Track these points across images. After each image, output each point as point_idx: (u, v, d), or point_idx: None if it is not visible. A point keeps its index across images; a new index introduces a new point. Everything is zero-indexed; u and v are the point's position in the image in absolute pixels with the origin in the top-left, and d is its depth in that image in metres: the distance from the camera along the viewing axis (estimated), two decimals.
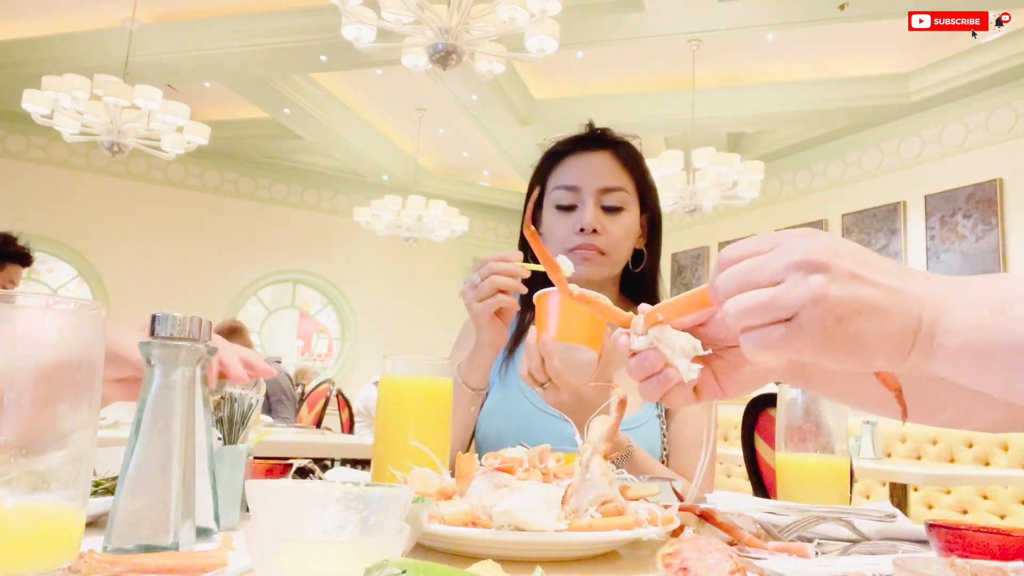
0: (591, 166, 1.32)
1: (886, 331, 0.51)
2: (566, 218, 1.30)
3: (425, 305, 9.30)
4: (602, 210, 1.30)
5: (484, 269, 1.12)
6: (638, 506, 0.67)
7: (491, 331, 1.16)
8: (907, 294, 0.52)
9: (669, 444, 1.30)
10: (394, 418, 0.94)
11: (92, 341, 0.51)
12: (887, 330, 0.51)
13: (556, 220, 1.31)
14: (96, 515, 0.68)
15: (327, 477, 0.90)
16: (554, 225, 1.32)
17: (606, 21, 5.40)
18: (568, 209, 1.31)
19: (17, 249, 3.10)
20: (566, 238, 1.29)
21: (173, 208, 8.39)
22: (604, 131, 1.38)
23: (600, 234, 1.28)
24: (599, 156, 1.33)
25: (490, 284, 1.11)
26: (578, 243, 1.28)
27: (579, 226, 1.27)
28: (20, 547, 0.46)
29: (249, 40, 6.00)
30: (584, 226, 1.27)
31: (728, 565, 0.47)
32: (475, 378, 1.24)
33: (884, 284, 0.51)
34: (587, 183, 1.30)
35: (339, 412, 5.21)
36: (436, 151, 8.49)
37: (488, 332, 1.16)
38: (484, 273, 1.11)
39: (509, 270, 1.11)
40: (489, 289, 1.11)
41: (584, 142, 1.35)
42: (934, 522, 0.63)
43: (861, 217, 6.75)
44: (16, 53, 6.29)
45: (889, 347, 0.51)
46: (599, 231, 1.28)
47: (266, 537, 0.45)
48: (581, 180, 1.30)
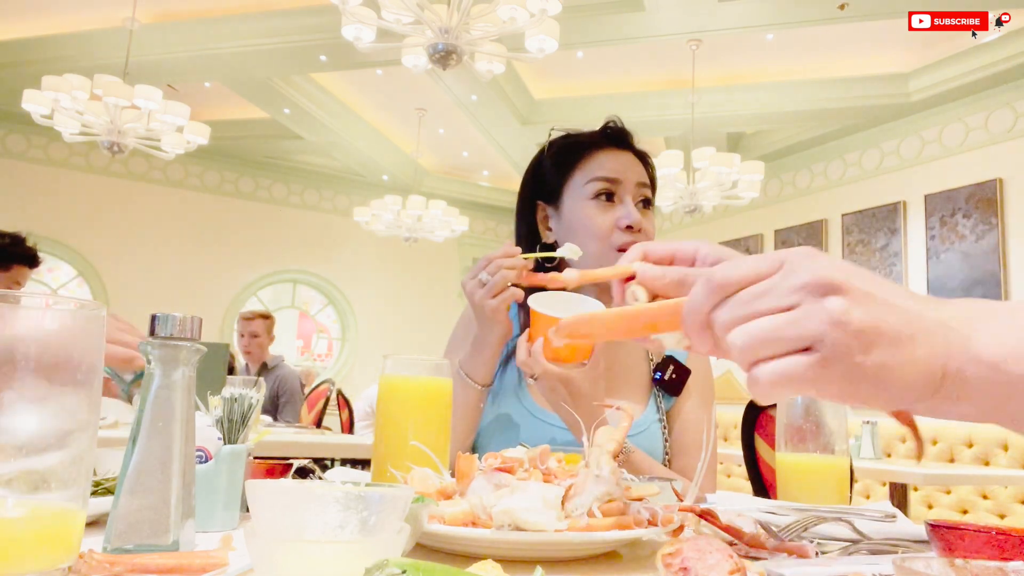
0: (627, 160, 1.32)
1: (916, 359, 0.45)
2: (606, 211, 1.28)
3: (425, 305, 9.29)
4: (639, 206, 1.31)
5: (492, 266, 1.12)
6: (640, 506, 0.67)
7: (502, 326, 1.17)
8: (929, 319, 0.46)
9: (671, 447, 1.30)
10: (394, 418, 0.94)
11: (92, 341, 0.51)
12: (917, 357, 0.45)
13: (595, 211, 1.28)
14: (96, 515, 0.68)
15: (327, 477, 0.90)
16: (594, 216, 1.28)
17: (606, 21, 5.40)
18: (609, 200, 1.29)
19: (24, 250, 3.10)
20: (610, 232, 1.27)
21: (173, 208, 8.39)
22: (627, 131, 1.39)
23: (641, 231, 1.27)
24: (629, 154, 1.34)
25: (502, 279, 1.12)
26: (626, 241, 1.25)
27: (626, 222, 1.25)
28: (20, 547, 0.46)
29: (249, 40, 6.00)
30: (633, 223, 1.25)
31: (728, 565, 0.47)
32: (483, 373, 1.22)
33: (904, 307, 0.46)
34: (628, 176, 1.30)
35: (339, 412, 5.21)
36: (436, 151, 8.49)
37: (499, 327, 1.17)
38: (493, 270, 1.12)
39: (515, 264, 1.12)
40: (502, 284, 1.12)
41: (614, 137, 1.35)
42: (934, 522, 0.63)
43: (861, 217, 6.75)
44: (16, 53, 6.29)
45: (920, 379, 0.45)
46: (641, 230, 1.27)
47: (266, 537, 0.45)
48: (621, 173, 1.29)
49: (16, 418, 0.47)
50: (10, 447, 0.47)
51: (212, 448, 0.75)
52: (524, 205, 1.39)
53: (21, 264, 3.09)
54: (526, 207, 1.39)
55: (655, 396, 1.30)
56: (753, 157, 6.88)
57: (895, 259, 6.45)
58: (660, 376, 1.29)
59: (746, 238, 7.79)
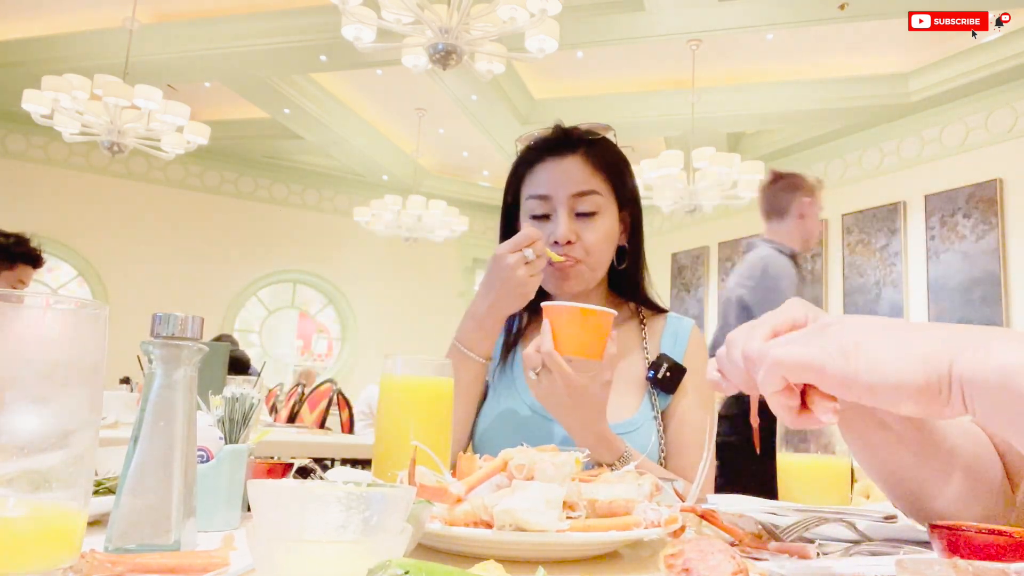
0: (562, 172, 1.28)
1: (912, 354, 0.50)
2: (540, 229, 1.26)
3: (425, 305, 9.30)
4: (576, 217, 1.27)
5: (538, 246, 1.17)
6: (647, 506, 0.67)
7: (525, 301, 1.20)
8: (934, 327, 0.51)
9: (668, 446, 1.29)
10: (395, 418, 0.94)
11: (93, 341, 0.51)
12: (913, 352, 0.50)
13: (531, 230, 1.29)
14: (98, 515, 0.68)
15: (328, 477, 0.90)
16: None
17: (606, 21, 5.40)
18: (542, 219, 1.28)
19: (29, 250, 3.11)
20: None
21: (173, 208, 8.39)
22: (573, 130, 1.33)
23: (575, 243, 1.25)
24: (570, 160, 1.28)
25: (543, 260, 1.18)
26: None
27: (553, 238, 1.24)
28: (21, 547, 0.46)
29: (249, 40, 6.00)
30: (558, 238, 1.24)
31: (730, 566, 0.47)
32: (486, 347, 1.22)
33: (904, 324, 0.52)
34: (558, 191, 1.26)
35: (339, 412, 5.20)
36: (436, 151, 8.49)
37: (522, 302, 1.20)
38: (539, 250, 1.17)
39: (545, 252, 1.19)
40: (542, 264, 1.18)
41: (554, 145, 1.30)
42: (936, 523, 0.63)
43: (861, 217, 6.75)
44: (16, 53, 6.29)
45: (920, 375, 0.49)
46: (573, 241, 1.25)
47: (268, 537, 0.45)
48: (552, 188, 1.27)
49: (17, 418, 0.47)
50: (11, 447, 0.46)
51: (213, 447, 0.75)
52: (503, 215, 1.39)
53: (25, 264, 3.10)
54: (504, 217, 1.39)
55: (649, 394, 1.29)
56: (753, 157, 6.88)
57: (895, 259, 6.45)
58: (653, 375, 1.28)
59: (746, 238, 7.78)
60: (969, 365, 0.48)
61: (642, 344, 1.35)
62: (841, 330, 0.53)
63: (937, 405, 0.49)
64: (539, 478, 0.66)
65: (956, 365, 0.48)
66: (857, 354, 0.51)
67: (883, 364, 0.50)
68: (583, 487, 0.67)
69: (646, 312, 1.39)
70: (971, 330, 0.51)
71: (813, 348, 0.52)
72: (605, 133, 1.34)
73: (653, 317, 1.39)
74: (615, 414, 1.22)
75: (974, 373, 0.48)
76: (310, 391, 5.31)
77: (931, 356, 0.49)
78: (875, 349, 0.50)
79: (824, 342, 0.52)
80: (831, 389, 0.52)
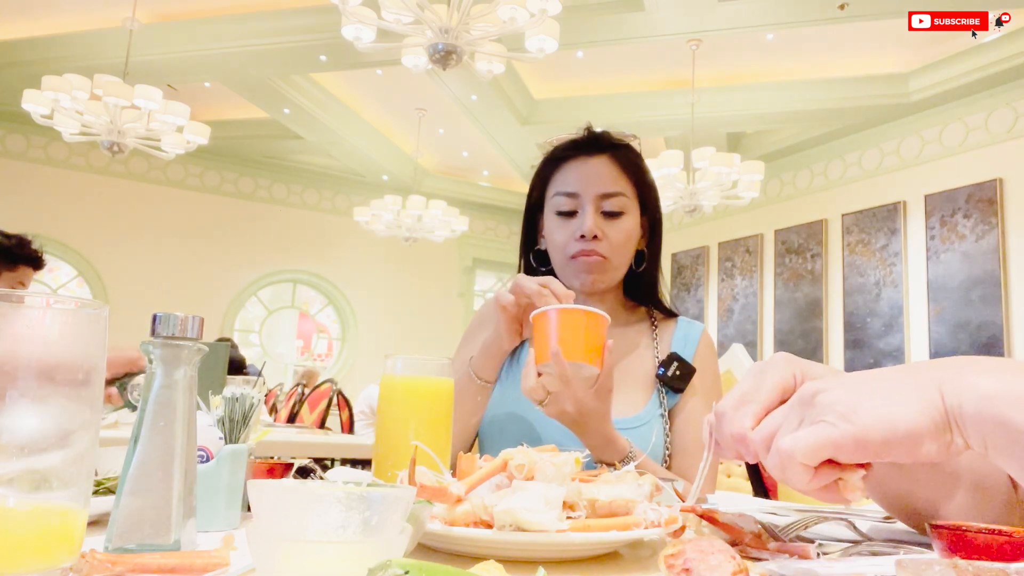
0: (590, 171, 1.32)
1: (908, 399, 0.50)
2: (566, 224, 1.31)
3: (425, 305, 9.30)
4: (602, 216, 1.30)
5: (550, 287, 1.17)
6: (647, 507, 0.67)
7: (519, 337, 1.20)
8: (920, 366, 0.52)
9: (672, 445, 1.30)
10: (395, 418, 0.94)
11: (94, 340, 0.51)
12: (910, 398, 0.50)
13: (556, 226, 1.33)
14: (98, 514, 0.68)
15: (328, 477, 0.90)
16: (555, 231, 1.33)
17: (606, 21, 5.41)
18: (568, 215, 1.31)
19: (30, 251, 3.11)
20: (566, 244, 1.30)
21: (173, 208, 8.39)
22: (603, 134, 1.37)
23: (601, 240, 1.28)
24: (598, 161, 1.33)
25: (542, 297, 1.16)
26: (579, 249, 1.28)
27: (579, 232, 1.28)
28: (21, 547, 0.46)
29: (249, 40, 6.00)
30: (584, 232, 1.27)
31: (731, 566, 0.47)
32: (489, 370, 1.24)
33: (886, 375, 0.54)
34: (587, 189, 1.30)
35: (339, 412, 5.20)
36: (436, 151, 8.49)
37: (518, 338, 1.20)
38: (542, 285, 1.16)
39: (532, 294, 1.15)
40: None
41: (583, 146, 1.35)
42: (936, 523, 0.62)
43: (861, 217, 6.75)
44: (16, 53, 6.29)
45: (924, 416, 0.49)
46: (600, 237, 1.28)
47: (268, 537, 0.45)
48: (581, 186, 1.31)
49: (17, 417, 0.47)
50: (11, 446, 0.46)
51: (213, 447, 0.75)
52: (526, 212, 1.43)
53: (26, 265, 3.10)
54: (527, 214, 1.43)
55: (658, 392, 1.31)
56: (753, 157, 6.88)
57: (895, 259, 6.45)
58: (663, 372, 1.30)
59: (746, 238, 7.79)
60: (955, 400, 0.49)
61: (653, 344, 1.38)
62: (831, 397, 0.53)
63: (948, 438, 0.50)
64: (539, 478, 0.66)
65: (946, 399, 0.50)
66: (859, 414, 0.51)
67: (888, 416, 0.50)
68: (583, 487, 0.67)
69: (658, 315, 1.43)
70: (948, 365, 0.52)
71: (818, 426, 0.52)
72: (631, 141, 1.39)
73: (665, 320, 1.42)
74: (623, 409, 1.25)
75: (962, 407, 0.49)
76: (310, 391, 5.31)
77: (924, 397, 0.50)
78: (873, 404, 0.51)
79: (821, 414, 0.52)
80: (849, 457, 0.52)
